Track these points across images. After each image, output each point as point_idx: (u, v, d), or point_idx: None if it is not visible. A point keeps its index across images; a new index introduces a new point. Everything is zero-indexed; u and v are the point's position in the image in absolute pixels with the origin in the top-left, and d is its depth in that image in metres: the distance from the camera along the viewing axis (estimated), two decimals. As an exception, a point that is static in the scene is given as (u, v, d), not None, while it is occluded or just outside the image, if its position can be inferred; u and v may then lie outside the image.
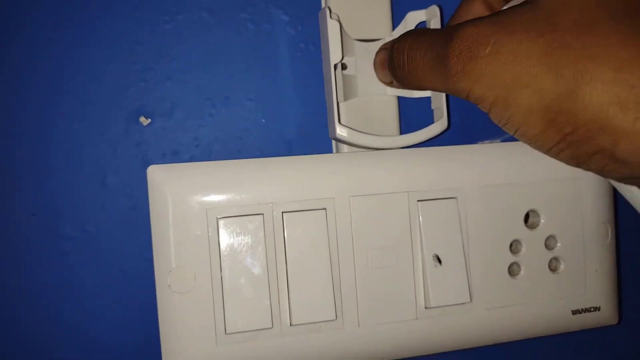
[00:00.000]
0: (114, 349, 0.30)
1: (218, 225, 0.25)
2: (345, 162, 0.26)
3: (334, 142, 0.32)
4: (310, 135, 0.32)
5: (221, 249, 0.25)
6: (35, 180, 0.29)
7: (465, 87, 0.22)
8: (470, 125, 0.34)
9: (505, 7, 0.26)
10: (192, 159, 0.31)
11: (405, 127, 0.32)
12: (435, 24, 0.29)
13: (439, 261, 0.27)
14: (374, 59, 0.30)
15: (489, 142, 0.36)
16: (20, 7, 0.29)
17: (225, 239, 0.25)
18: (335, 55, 0.28)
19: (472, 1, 0.28)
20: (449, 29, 0.23)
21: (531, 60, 0.20)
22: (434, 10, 0.30)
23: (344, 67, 0.31)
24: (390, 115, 0.31)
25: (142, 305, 0.29)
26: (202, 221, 0.24)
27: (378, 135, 0.29)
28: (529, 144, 0.23)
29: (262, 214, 0.25)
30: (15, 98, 0.29)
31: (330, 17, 0.28)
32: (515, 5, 0.22)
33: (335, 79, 0.28)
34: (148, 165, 0.30)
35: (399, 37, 0.27)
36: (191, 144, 0.31)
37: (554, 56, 0.20)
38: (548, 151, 0.22)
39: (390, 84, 0.29)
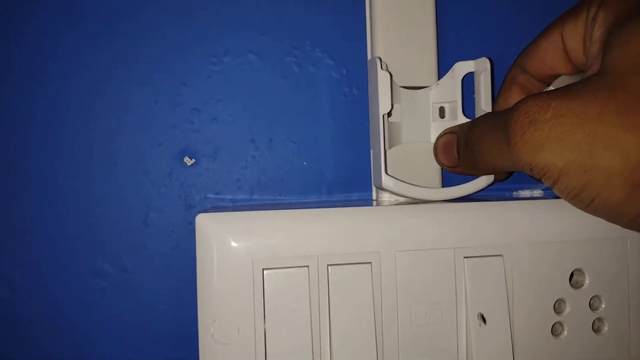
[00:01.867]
0: (151, 395, 0.30)
1: (263, 277, 0.24)
2: (391, 216, 0.26)
3: (374, 187, 0.32)
4: (352, 179, 0.32)
5: (265, 300, 0.24)
6: (77, 216, 0.29)
7: (527, 157, 0.21)
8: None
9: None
10: (233, 200, 0.31)
11: (446, 174, 0.32)
12: (485, 78, 0.29)
13: (484, 320, 0.26)
14: (436, 142, 0.29)
15: (529, 192, 0.36)
16: (67, 42, 0.30)
17: (270, 290, 0.24)
18: (384, 106, 0.28)
19: (510, 90, 0.28)
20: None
21: (605, 119, 0.19)
22: (484, 62, 0.29)
23: (389, 114, 0.31)
24: (434, 163, 0.31)
25: (181, 349, 0.29)
26: (247, 272, 0.24)
27: (424, 187, 0.29)
28: (606, 214, 0.21)
29: (308, 266, 0.25)
30: (59, 132, 0.29)
31: (381, 67, 0.28)
32: (578, 81, 0.21)
33: (384, 129, 0.28)
34: (191, 205, 0.30)
35: (473, 120, 0.27)
36: (234, 185, 0.31)
37: (632, 115, 0.19)
38: (631, 221, 0.20)
39: (452, 169, 0.28)
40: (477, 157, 0.25)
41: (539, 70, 0.26)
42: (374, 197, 0.32)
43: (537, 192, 0.36)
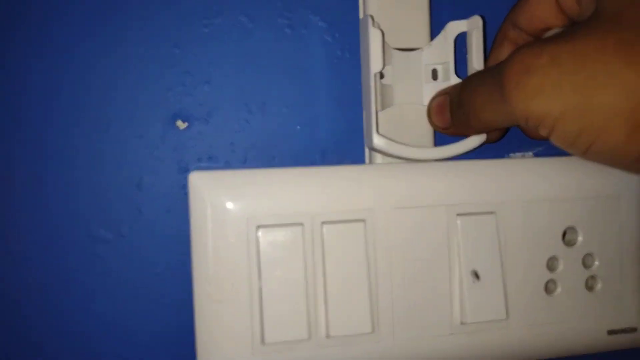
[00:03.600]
0: (148, 355, 0.30)
1: (257, 234, 0.24)
2: (385, 174, 0.26)
3: (367, 150, 0.32)
4: (344, 143, 0.32)
5: (260, 258, 0.24)
6: (70, 181, 0.29)
7: (522, 105, 0.20)
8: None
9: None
10: (227, 164, 0.31)
11: (439, 135, 0.32)
12: (477, 36, 0.29)
13: (477, 277, 0.26)
14: (429, 104, 0.29)
15: (521, 155, 0.36)
16: (59, 6, 0.29)
17: (265, 248, 0.24)
18: (376, 65, 0.28)
19: (501, 46, 0.28)
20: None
21: (604, 57, 0.18)
22: (476, 21, 0.29)
23: (381, 76, 0.30)
24: (426, 125, 0.31)
25: (177, 309, 0.29)
26: (241, 229, 0.24)
27: (415, 147, 0.29)
28: (605, 158, 0.20)
29: (302, 224, 0.25)
30: (52, 97, 0.29)
31: (373, 25, 0.28)
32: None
33: (375, 88, 0.28)
34: (184, 169, 0.30)
35: (464, 79, 0.27)
36: (227, 149, 0.31)
37: (633, 50, 0.18)
38: (632, 162, 0.20)
39: (445, 130, 0.28)
40: (471, 114, 0.25)
41: (530, 23, 0.26)
42: (367, 162, 0.32)
43: (529, 156, 0.35)
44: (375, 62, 0.27)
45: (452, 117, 0.27)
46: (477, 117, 0.25)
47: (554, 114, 0.20)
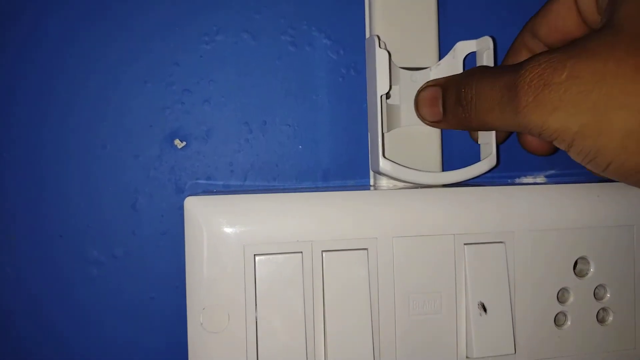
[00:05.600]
0: (139, 384, 0.29)
1: (255, 263, 0.23)
2: (389, 200, 0.25)
3: (372, 172, 0.31)
4: (348, 163, 0.31)
5: (257, 287, 0.23)
6: (63, 201, 0.28)
7: (538, 120, 0.20)
8: (511, 159, 0.33)
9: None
10: (226, 184, 0.30)
11: (447, 158, 0.31)
12: (488, 57, 0.28)
13: (484, 309, 0.25)
14: (418, 95, 0.28)
15: (532, 178, 0.35)
16: (62, 30, 0.28)
17: (262, 277, 0.23)
18: (382, 87, 0.27)
19: (519, 54, 0.27)
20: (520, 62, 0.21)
21: (624, 79, 0.18)
22: (487, 41, 0.28)
23: (387, 96, 0.29)
24: (434, 147, 0.30)
25: (170, 335, 0.28)
26: (238, 257, 0.23)
27: (423, 171, 0.28)
28: (624, 178, 0.20)
29: (301, 252, 0.24)
30: (46, 114, 0.28)
31: (380, 46, 0.27)
32: (589, 34, 0.20)
33: (381, 111, 0.27)
34: (181, 190, 0.29)
35: (463, 72, 0.25)
36: (226, 169, 0.30)
37: None
38: None
39: (435, 124, 0.27)
40: (473, 115, 0.24)
41: (550, 34, 0.25)
42: (372, 184, 0.31)
43: (540, 179, 0.34)
44: (381, 84, 0.26)
45: (445, 111, 0.26)
46: (479, 119, 0.23)
47: (572, 131, 0.19)
